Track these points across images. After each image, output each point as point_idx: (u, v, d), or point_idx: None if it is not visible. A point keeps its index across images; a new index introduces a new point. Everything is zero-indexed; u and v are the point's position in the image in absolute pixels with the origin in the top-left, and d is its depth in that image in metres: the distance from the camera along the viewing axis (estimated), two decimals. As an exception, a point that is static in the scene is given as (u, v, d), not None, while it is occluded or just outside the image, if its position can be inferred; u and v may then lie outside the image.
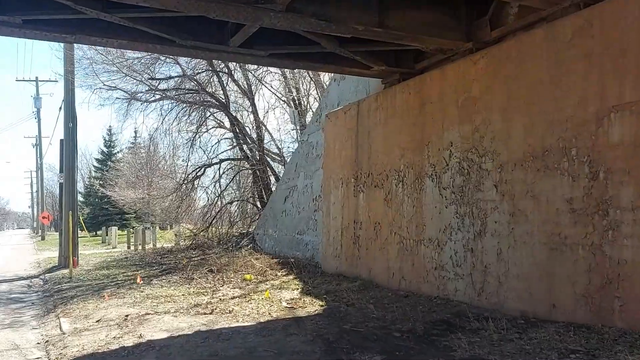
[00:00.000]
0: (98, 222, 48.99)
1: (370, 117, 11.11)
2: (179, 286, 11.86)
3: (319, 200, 14.36)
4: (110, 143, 54.65)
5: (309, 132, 15.88)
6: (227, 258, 16.37)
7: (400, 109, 10.13)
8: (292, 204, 16.32)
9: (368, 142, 11.10)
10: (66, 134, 18.70)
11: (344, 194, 11.96)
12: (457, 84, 8.76)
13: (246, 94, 21.64)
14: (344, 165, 11.99)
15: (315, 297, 9.56)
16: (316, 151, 15.01)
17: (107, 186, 37.11)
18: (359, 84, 13.18)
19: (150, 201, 27.53)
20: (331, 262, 12.30)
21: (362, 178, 11.27)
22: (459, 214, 8.52)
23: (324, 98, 15.51)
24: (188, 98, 22.08)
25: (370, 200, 10.95)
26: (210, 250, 19.53)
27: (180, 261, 17.46)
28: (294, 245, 15.69)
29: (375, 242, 10.67)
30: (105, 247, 31.03)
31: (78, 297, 11.41)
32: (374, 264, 10.67)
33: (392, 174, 10.26)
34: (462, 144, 8.54)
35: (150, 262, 18.34)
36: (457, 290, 8.49)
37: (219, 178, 23.23)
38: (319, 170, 14.57)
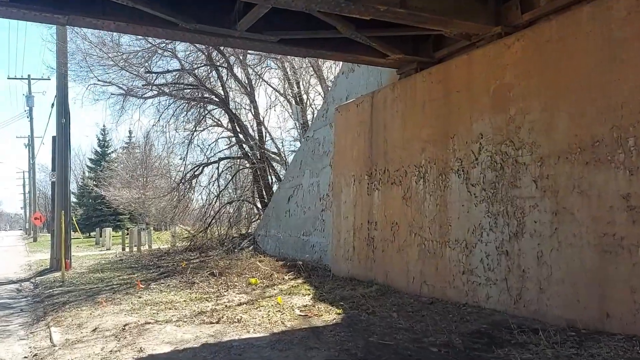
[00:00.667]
0: (91, 223, 48.12)
1: (386, 109, 10.33)
2: (180, 291, 11.04)
3: (326, 199, 13.58)
4: (104, 143, 53.76)
5: (315, 128, 15.09)
6: (228, 260, 15.57)
7: (421, 100, 9.35)
8: (297, 204, 15.53)
9: (384, 136, 10.32)
10: (59, 131, 17.85)
11: (356, 192, 11.18)
12: (487, 71, 7.98)
13: (246, 89, 20.83)
14: (357, 162, 11.20)
15: (330, 304, 8.76)
16: (323, 148, 14.23)
17: (101, 186, 36.20)
18: (370, 76, 12.42)
19: (146, 201, 26.64)
20: (342, 265, 11.51)
21: (377, 175, 10.49)
22: (491, 213, 7.74)
23: (331, 92, 14.74)
24: (186, 94, 21.29)
25: (386, 199, 10.17)
26: (209, 252, 18.75)
27: (178, 264, 16.65)
28: (300, 247, 14.89)
29: (392, 244, 9.89)
30: (99, 249, 30.18)
31: (71, 303, 10.58)
32: (391, 267, 9.89)
33: (411, 170, 9.49)
34: (494, 136, 7.77)
35: (147, 264, 17.51)
36: (489, 297, 7.70)
37: (217, 177, 22.43)
38: (326, 168, 13.80)
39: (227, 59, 19.46)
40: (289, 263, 13.32)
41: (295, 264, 12.84)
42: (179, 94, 20.84)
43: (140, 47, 18.98)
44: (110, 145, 53.34)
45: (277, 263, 13.72)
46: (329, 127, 14.07)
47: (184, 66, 19.54)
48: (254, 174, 21.47)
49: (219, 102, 21.30)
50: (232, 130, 21.52)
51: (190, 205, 22.89)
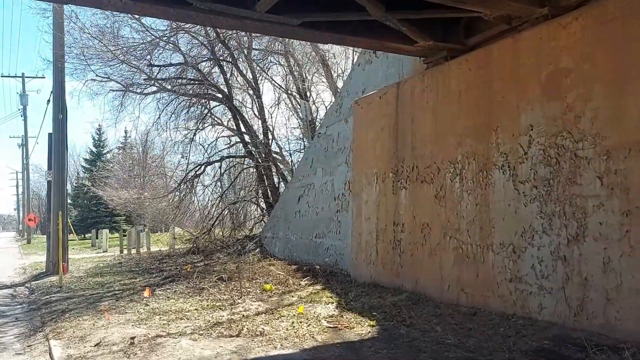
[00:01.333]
0: (87, 225, 47.16)
1: (414, 100, 9.51)
2: (188, 298, 10.19)
3: (342, 199, 12.74)
4: (99, 143, 52.73)
5: (327, 124, 14.26)
6: (235, 264, 14.70)
7: (456, 89, 8.52)
8: (308, 204, 14.68)
9: (411, 130, 9.50)
10: (55, 127, 16.95)
11: (379, 192, 10.34)
12: (538, 55, 7.16)
13: (251, 84, 19.97)
14: (380, 158, 10.37)
15: (359, 314, 7.92)
16: (337, 144, 13.40)
17: (97, 186, 35.20)
18: (390, 68, 11.61)
19: (144, 202, 25.73)
20: (363, 269, 10.68)
21: (404, 172, 9.66)
22: (544, 214, 6.92)
23: (345, 86, 13.90)
24: (188, 90, 20.41)
25: (415, 198, 9.34)
26: (213, 255, 17.87)
27: (182, 267, 15.79)
28: (312, 250, 14.05)
29: (423, 248, 9.06)
30: (95, 251, 29.27)
31: (71, 311, 9.71)
32: (422, 273, 9.05)
33: (445, 167, 8.66)
34: (547, 127, 6.94)
35: (148, 268, 16.64)
36: (542, 308, 6.87)
37: (220, 177, 21.58)
38: (341, 166, 12.96)
39: (232, 52, 18.59)
40: (304, 267, 12.47)
41: (310, 269, 12.00)
42: (181, 89, 19.96)
43: (141, 39, 18.10)
44: (106, 145, 52.35)
45: (290, 267, 12.87)
46: (343, 122, 13.24)
47: (187, 60, 18.64)
48: (258, 173, 20.61)
49: (222, 99, 20.45)
50: (235, 127, 20.64)
51: (191, 206, 21.99)
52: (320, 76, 22.90)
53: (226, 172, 21.79)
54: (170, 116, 21.23)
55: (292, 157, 22.30)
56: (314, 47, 21.34)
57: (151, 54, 18.18)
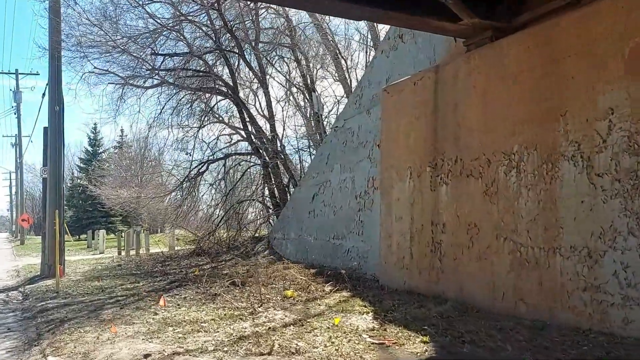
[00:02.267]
0: (82, 226, 46.06)
1: (457, 85, 8.48)
2: (202, 305, 9.13)
3: (364, 197, 11.71)
4: (95, 142, 51.55)
5: (346, 117, 13.23)
6: (245, 267, 13.67)
7: (512, 71, 7.50)
8: (324, 203, 13.64)
9: (454, 118, 8.47)
10: (51, 120, 15.84)
11: (413, 188, 9.31)
12: (620, 27, 6.14)
13: (258, 76, 18.91)
14: (414, 151, 9.34)
15: (405, 328, 6.86)
16: (358, 139, 12.37)
17: (93, 186, 34.06)
18: (419, 53, 10.61)
19: (144, 201, 24.64)
20: (395, 275, 9.64)
21: (444, 166, 8.63)
22: (630, 211, 5.89)
23: (366, 75, 12.87)
24: (191, 83, 19.34)
25: (459, 195, 8.31)
26: (219, 257, 16.84)
27: (187, 270, 14.74)
28: (330, 253, 13.01)
29: (469, 251, 8.03)
30: (92, 253, 28.19)
31: (70, 320, 8.63)
32: (468, 279, 8.02)
33: (497, 159, 7.63)
34: (633, 110, 5.93)
35: (151, 271, 15.56)
36: (629, 322, 5.84)
37: (224, 175, 20.51)
38: (363, 162, 11.94)
39: (239, 41, 17.53)
40: (325, 271, 11.42)
41: (332, 273, 10.95)
42: (185, 82, 18.88)
43: (144, 28, 17.02)
44: (102, 144, 51.17)
45: (308, 271, 11.82)
46: (364, 114, 12.22)
47: (192, 49, 17.54)
48: (265, 171, 19.54)
49: (227, 92, 19.39)
50: (241, 122, 19.57)
51: (195, 206, 20.91)
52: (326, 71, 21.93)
53: (231, 170, 20.73)
54: (172, 111, 20.21)
55: (300, 154, 21.29)
56: (323, 39, 20.34)
57: (155, 42, 17.09)
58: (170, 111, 20.02)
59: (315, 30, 20.34)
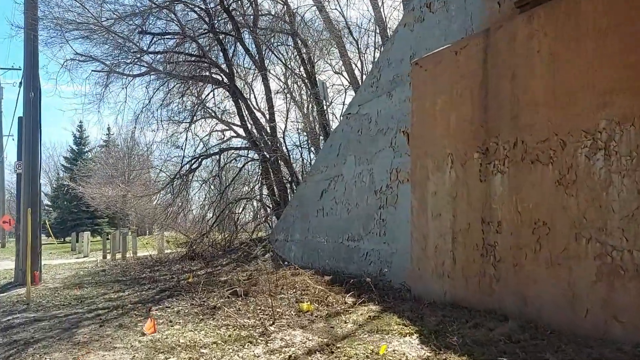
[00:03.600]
0: (67, 228, 44.04)
1: (515, 51, 6.88)
2: (199, 322, 7.49)
3: (386, 192, 10.10)
4: (81, 140, 49.56)
5: (361, 102, 11.60)
6: (245, 273, 12.04)
7: (594, 27, 5.90)
8: (336, 200, 12.01)
9: (512, 91, 6.87)
10: (27, 108, 14.09)
11: (456, 179, 7.70)
12: None
13: (256, 62, 17.26)
14: (457, 134, 7.74)
15: (468, 357, 5.25)
16: (377, 125, 10.76)
17: (78, 185, 32.22)
18: (452, 24, 9.04)
19: (131, 201, 22.89)
20: (433, 283, 8.02)
21: (499, 150, 7.03)
22: None
23: (384, 54, 11.25)
24: (183, 71, 17.65)
25: (520, 186, 6.71)
26: (214, 262, 15.17)
27: (179, 276, 13.08)
28: (343, 256, 11.38)
29: (536, 255, 6.42)
30: (75, 256, 26.38)
31: (37, 342, 6.99)
32: (535, 290, 6.40)
33: (575, 139, 6.03)
34: None
35: (138, 277, 13.87)
36: None
37: (219, 171, 18.83)
38: (384, 151, 10.33)
39: (237, 23, 15.85)
40: (343, 278, 9.78)
41: (352, 281, 9.31)
42: (175, 69, 17.20)
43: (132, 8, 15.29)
44: (88, 143, 49.23)
45: (321, 278, 10.18)
46: (385, 97, 10.61)
47: (184, 30, 15.83)
48: (263, 167, 17.90)
49: (222, 81, 17.73)
50: (237, 113, 17.91)
51: (186, 205, 19.22)
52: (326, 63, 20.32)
53: (226, 166, 19.04)
54: (161, 103, 18.53)
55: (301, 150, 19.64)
56: (327, 24, 18.73)
57: (143, 23, 15.37)
58: (160, 102, 18.36)
59: (318, 13, 18.72)
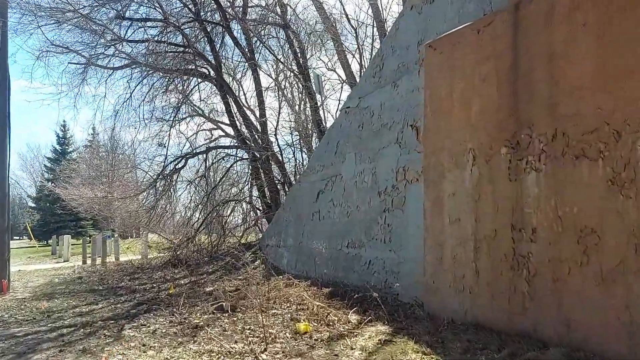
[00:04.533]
0: (49, 230, 42.72)
1: (554, 26, 5.79)
2: (178, 346, 6.35)
3: (392, 193, 9.00)
4: (64, 140, 48.22)
5: (362, 94, 10.51)
6: (232, 282, 10.92)
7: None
8: (334, 202, 10.91)
9: (549, 74, 5.78)
10: (-7, 99, 12.90)
11: (479, 177, 6.61)
12: None
13: (245, 54, 16.12)
14: (480, 125, 6.64)
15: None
16: (380, 119, 9.66)
17: (59, 186, 30.90)
18: (467, 2, 7.96)
19: (113, 203, 21.66)
20: (450, 299, 6.91)
21: (532, 144, 5.94)
22: None
23: (388, 40, 10.15)
24: (166, 64, 16.49)
25: (560, 186, 5.62)
26: (200, 269, 14.01)
27: (160, 286, 11.92)
28: (342, 265, 10.28)
29: (582, 269, 5.33)
30: (55, 261, 25.19)
31: (-21, 374, 5.83)
32: (582, 311, 5.31)
33: (632, 129, 4.96)
34: None
35: (115, 286, 12.69)
36: None
37: (205, 171, 17.66)
38: (389, 148, 9.23)
39: (225, 10, 14.71)
40: (344, 291, 8.66)
41: (358, 295, 8.18)
42: (158, 59, 16.03)
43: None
44: (72, 143, 47.89)
45: (319, 290, 9.08)
46: (389, 87, 9.52)
47: (167, 16, 14.66)
48: (253, 167, 16.76)
49: (208, 75, 16.58)
50: (225, 109, 16.77)
51: (170, 207, 18.03)
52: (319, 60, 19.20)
53: (213, 166, 17.87)
54: (143, 98, 17.37)
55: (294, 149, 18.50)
56: (320, 13, 17.64)
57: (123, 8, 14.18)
58: (142, 97, 17.20)
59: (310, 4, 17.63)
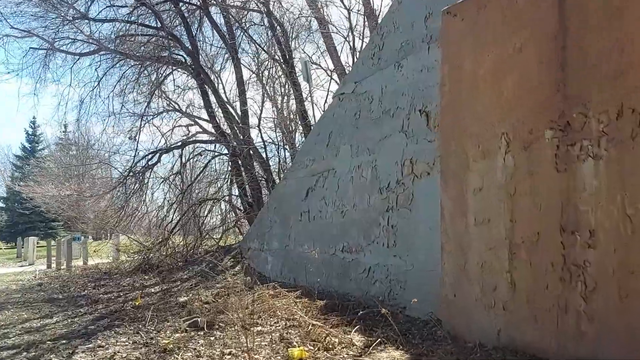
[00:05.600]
0: (18, 231, 40.84)
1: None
2: (140, 379, 5.02)
3: (396, 189, 7.77)
4: (34, 138, 46.32)
5: (358, 78, 9.27)
6: (208, 290, 9.62)
7: None
8: (326, 201, 9.65)
9: (613, 38, 4.58)
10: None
11: (514, 168, 5.38)
12: None
13: (225, 40, 14.80)
14: (515, 105, 5.41)
15: None
16: (381, 105, 8.43)
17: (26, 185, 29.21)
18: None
19: (81, 202, 20.16)
20: (477, 316, 5.67)
21: (588, 124, 4.72)
22: None
23: (389, 17, 8.90)
24: (137, 51, 15.11)
25: (629, 177, 4.40)
26: (173, 275, 12.65)
27: (126, 295, 10.57)
28: (336, 272, 9.02)
29: (664, 282, 4.13)
30: (20, 264, 23.62)
31: None
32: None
33: None
34: None
35: (78, 295, 11.30)
36: None
37: (180, 168, 16.29)
38: (392, 137, 8.00)
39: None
40: (342, 303, 7.38)
41: (361, 313, 6.91)
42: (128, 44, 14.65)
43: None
44: (42, 140, 46.04)
45: (311, 302, 7.79)
46: (392, 69, 8.30)
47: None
48: (233, 163, 15.43)
49: (184, 63, 15.23)
50: (202, 99, 15.45)
51: (142, 207, 16.62)
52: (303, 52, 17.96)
53: (189, 162, 16.49)
54: (113, 88, 16.00)
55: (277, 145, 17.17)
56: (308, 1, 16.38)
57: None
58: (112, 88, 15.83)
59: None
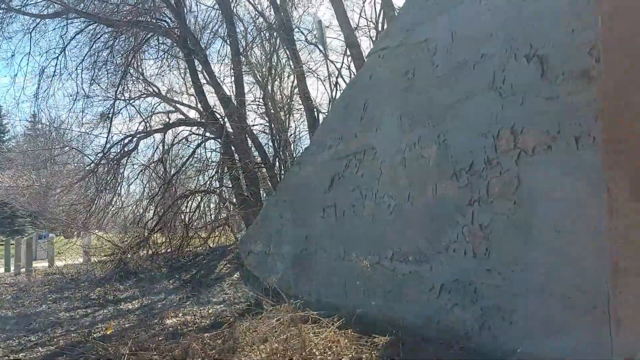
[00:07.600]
0: (-21, 229, 37.79)
1: None
2: None
3: (486, 174, 5.36)
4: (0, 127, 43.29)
5: (411, 26, 6.83)
6: (202, 307, 7.17)
7: None
8: (361, 191, 7.21)
9: None
10: None
11: None
12: None
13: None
14: None
15: None
16: (450, 57, 6.01)
17: (-13, 177, 26.34)
18: None
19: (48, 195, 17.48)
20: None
21: None
22: None
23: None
24: (108, 12, 12.57)
25: None
26: (155, 285, 10.15)
27: (96, 314, 8.06)
28: (382, 288, 6.60)
29: None
30: (-25, 267, 20.83)
31: None
32: None
33: None
34: None
35: (31, 313, 8.73)
36: None
37: (163, 155, 13.76)
38: (469, 100, 5.60)
39: None
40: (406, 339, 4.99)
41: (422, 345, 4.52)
42: (101, 9, 12.13)
43: None
44: (8, 130, 43.00)
45: (365, 339, 5.38)
46: (466, 4, 5.88)
47: None
48: (226, 149, 12.95)
49: (168, 29, 12.72)
50: (189, 71, 12.97)
51: (117, 200, 14.08)
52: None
53: (173, 148, 13.98)
54: (82, 59, 13.47)
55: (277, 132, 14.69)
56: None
57: None
58: (81, 58, 13.27)
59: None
